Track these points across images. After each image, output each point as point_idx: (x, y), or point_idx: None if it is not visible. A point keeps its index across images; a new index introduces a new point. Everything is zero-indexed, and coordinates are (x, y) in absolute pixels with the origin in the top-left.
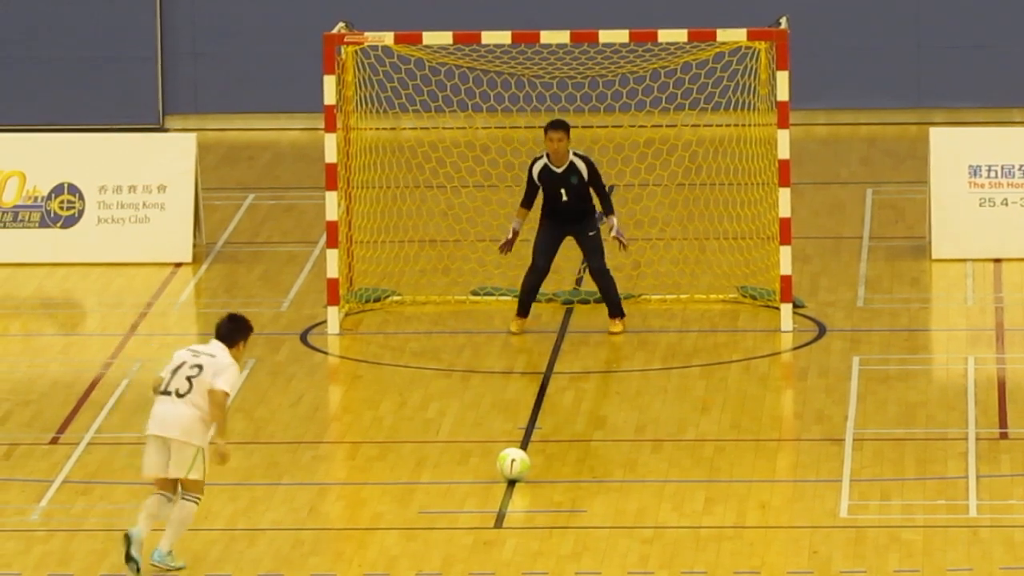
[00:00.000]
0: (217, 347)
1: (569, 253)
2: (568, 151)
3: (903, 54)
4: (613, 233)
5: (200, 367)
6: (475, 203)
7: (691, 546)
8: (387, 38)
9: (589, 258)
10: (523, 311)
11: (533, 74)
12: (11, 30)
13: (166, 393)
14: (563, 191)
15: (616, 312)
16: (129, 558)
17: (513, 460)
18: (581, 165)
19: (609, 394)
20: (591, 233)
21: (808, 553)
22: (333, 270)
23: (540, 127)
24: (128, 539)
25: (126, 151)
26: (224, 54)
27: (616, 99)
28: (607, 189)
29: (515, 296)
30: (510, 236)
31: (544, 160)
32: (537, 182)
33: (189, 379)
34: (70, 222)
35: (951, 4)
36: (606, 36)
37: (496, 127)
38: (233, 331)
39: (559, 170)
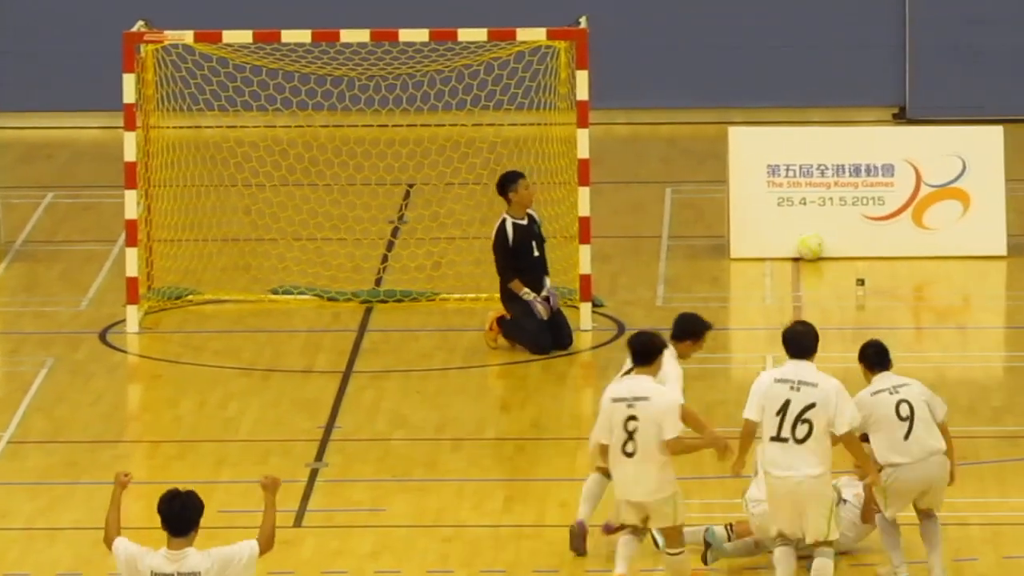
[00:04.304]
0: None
1: (371, 255)
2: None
3: (703, 54)
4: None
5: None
6: (278, 199)
7: (491, 545)
8: (187, 36)
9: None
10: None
11: (334, 73)
12: None
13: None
14: (534, 244)
15: None
16: None
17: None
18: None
19: (409, 393)
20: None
21: (607, 551)
22: (132, 269)
23: (344, 125)
24: None
25: None
26: (22, 52)
27: (423, 100)
28: None
29: (315, 294)
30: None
31: (508, 218)
32: (512, 243)
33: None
34: None
35: (751, 4)
36: (406, 35)
37: (296, 126)
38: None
39: (525, 223)
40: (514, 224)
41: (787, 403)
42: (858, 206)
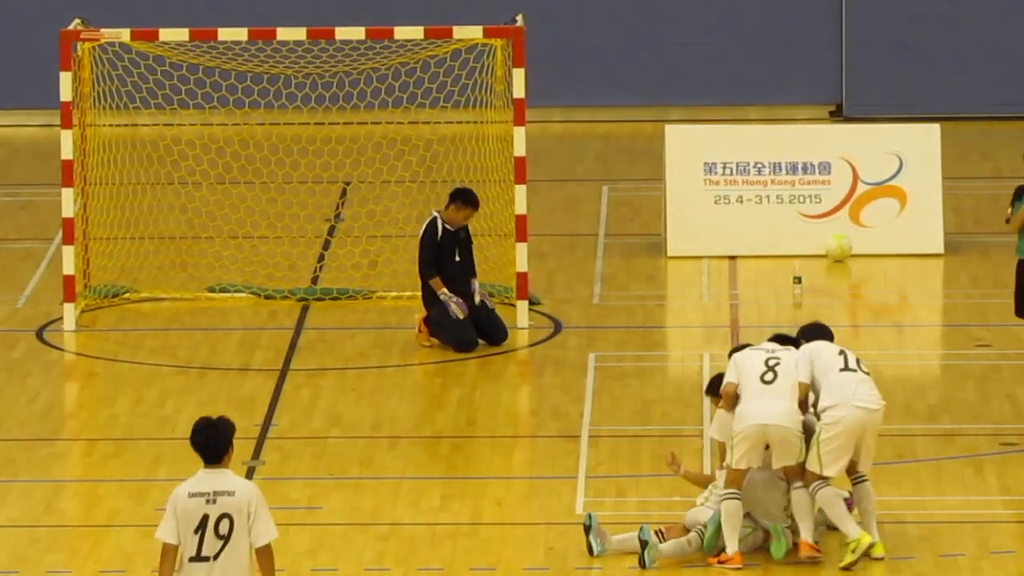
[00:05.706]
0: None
1: (308, 252)
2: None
3: (639, 52)
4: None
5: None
6: (215, 197)
7: (427, 543)
8: (123, 35)
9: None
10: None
11: (271, 71)
12: None
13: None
14: (457, 249)
15: None
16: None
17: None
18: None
19: (346, 391)
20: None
21: (544, 549)
22: (69, 267)
23: (280, 123)
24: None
25: None
26: None
27: (359, 97)
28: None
29: (251, 292)
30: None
31: (439, 218)
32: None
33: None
34: None
35: (687, 2)
36: (342, 33)
37: (233, 124)
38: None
39: (454, 230)
40: (444, 227)
41: (842, 350)
42: (795, 204)
